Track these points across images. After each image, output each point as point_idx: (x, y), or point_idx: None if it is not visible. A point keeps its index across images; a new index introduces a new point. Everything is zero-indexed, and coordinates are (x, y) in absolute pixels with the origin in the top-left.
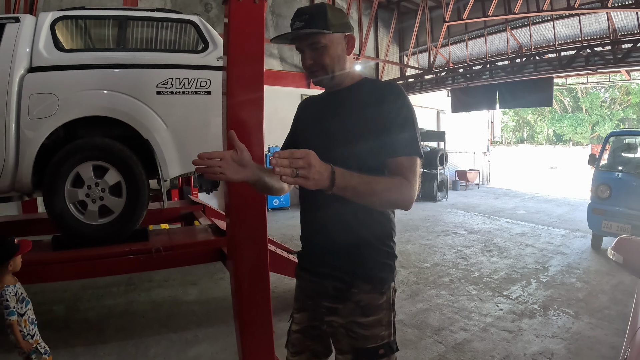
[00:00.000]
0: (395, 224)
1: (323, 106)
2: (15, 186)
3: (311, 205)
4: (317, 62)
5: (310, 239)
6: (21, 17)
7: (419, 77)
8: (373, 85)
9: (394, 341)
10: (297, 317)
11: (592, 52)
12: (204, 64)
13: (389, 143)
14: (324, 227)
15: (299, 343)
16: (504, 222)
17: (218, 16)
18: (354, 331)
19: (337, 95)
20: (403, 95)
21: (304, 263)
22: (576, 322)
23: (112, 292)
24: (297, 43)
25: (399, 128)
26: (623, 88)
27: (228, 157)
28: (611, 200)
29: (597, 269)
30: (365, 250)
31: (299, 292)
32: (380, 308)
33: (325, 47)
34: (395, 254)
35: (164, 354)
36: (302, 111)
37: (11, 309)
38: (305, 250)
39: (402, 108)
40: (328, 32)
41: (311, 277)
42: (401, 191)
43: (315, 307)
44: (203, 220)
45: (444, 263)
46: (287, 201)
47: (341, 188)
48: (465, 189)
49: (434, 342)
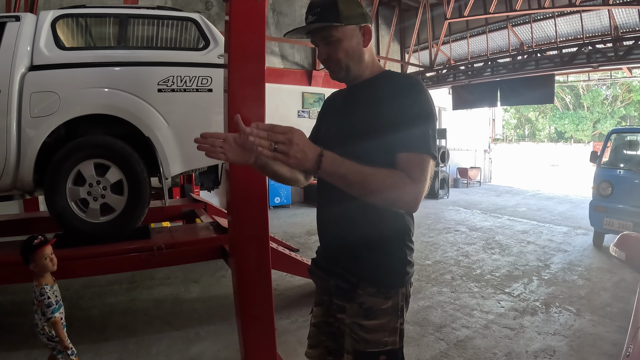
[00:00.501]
0: (412, 228)
1: (342, 101)
2: (16, 184)
3: (325, 201)
4: (332, 57)
5: (322, 234)
6: (22, 15)
7: (420, 75)
8: (391, 79)
9: (399, 350)
10: (315, 310)
11: (594, 49)
12: (205, 61)
13: (398, 138)
14: (335, 224)
15: (314, 336)
16: (506, 220)
17: (219, 14)
18: (356, 333)
19: (355, 89)
20: (420, 88)
21: (318, 259)
22: (578, 320)
23: (114, 290)
24: (312, 37)
25: (411, 122)
26: (624, 85)
27: (230, 139)
28: (613, 197)
29: (599, 266)
30: (373, 252)
31: (316, 287)
32: (384, 313)
33: (338, 40)
34: (410, 259)
35: (166, 352)
36: (326, 107)
37: (54, 305)
38: (320, 246)
39: (416, 102)
40: (340, 24)
41: (320, 274)
42: (400, 188)
43: (330, 303)
44: (205, 218)
45: (445, 260)
46: (289, 199)
47: (328, 173)
48: (466, 186)
49: (436, 339)
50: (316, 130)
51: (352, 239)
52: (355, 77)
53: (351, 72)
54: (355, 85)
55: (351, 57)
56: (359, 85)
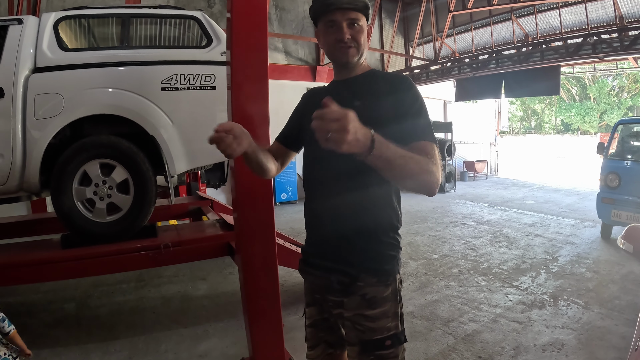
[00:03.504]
0: (401, 216)
1: (336, 95)
2: (23, 186)
3: (315, 195)
4: (355, 38)
5: (315, 230)
6: (24, 18)
7: (425, 68)
8: (384, 76)
9: (402, 332)
10: (308, 312)
11: (599, 40)
12: (208, 59)
13: (408, 129)
14: (329, 218)
15: (313, 337)
16: (513, 213)
17: (221, 12)
18: (360, 324)
19: (349, 83)
20: (414, 86)
21: (308, 257)
22: (586, 313)
23: (122, 288)
24: (334, 14)
25: (416, 115)
26: (631, 76)
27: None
28: (620, 189)
29: (607, 258)
30: (371, 243)
31: (307, 287)
32: (386, 300)
33: (362, 27)
34: (400, 245)
35: (174, 349)
36: (309, 104)
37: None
38: (309, 243)
39: (416, 97)
40: (365, 16)
41: (315, 272)
42: (432, 173)
43: (323, 300)
44: (211, 216)
45: (452, 254)
46: (295, 195)
47: (377, 157)
48: (473, 179)
49: (444, 333)
50: (292, 126)
51: (349, 231)
52: (355, 68)
53: (359, 61)
54: (347, 79)
55: (365, 47)
56: (354, 80)
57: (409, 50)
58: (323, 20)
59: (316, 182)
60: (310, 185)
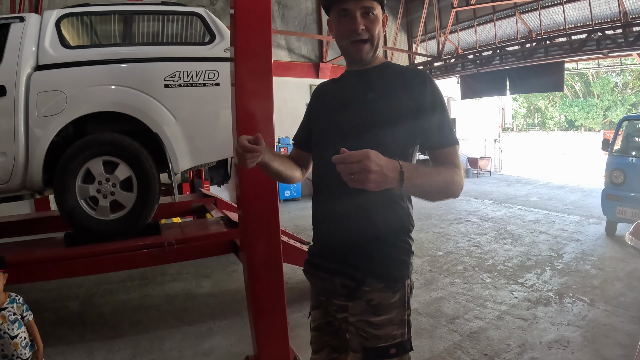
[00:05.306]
0: (413, 218)
1: (347, 89)
2: (26, 184)
3: (322, 195)
4: (369, 29)
5: (322, 232)
6: (26, 16)
7: (428, 65)
8: (399, 69)
9: (407, 340)
10: (313, 315)
11: (603, 36)
12: (211, 55)
13: (431, 130)
14: (337, 220)
15: (317, 340)
16: (517, 209)
17: (224, 8)
18: (364, 330)
19: (362, 75)
20: (432, 80)
21: (314, 258)
22: (592, 310)
23: (126, 286)
24: (347, 2)
25: (437, 112)
26: (635, 72)
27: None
28: (625, 185)
29: (612, 255)
30: (380, 246)
31: (312, 289)
32: (392, 307)
33: (377, 17)
34: (412, 249)
35: (178, 347)
36: (319, 99)
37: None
38: (315, 242)
39: (435, 93)
40: (380, 4)
41: (320, 274)
42: (457, 183)
43: (328, 303)
44: (215, 213)
45: (457, 251)
46: (299, 192)
47: (407, 187)
48: (477, 176)
49: (449, 330)
50: (306, 129)
51: (357, 235)
52: (371, 60)
53: (373, 54)
54: (360, 72)
55: (380, 38)
56: (367, 73)
57: (412, 46)
58: (335, 9)
59: (323, 182)
60: (318, 185)
